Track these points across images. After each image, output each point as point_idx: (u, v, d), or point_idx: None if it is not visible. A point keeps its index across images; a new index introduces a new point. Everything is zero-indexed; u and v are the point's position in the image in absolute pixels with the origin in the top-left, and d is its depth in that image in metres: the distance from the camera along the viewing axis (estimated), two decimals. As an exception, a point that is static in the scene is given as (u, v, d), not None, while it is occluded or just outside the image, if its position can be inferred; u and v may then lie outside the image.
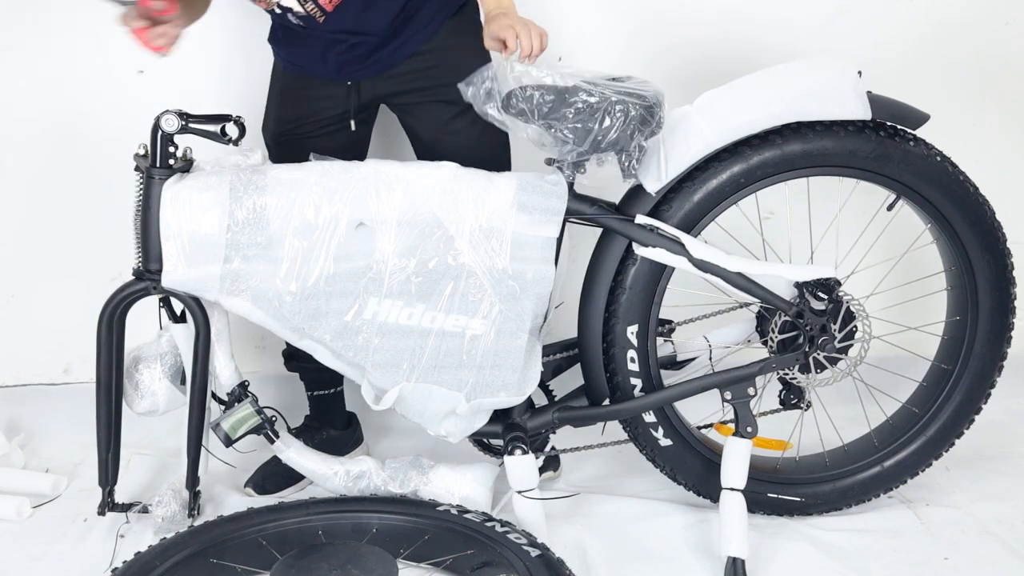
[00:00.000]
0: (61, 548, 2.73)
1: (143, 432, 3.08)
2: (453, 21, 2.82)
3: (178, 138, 2.55)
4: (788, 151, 2.59)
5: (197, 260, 2.53)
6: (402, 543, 2.56)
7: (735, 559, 2.53)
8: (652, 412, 2.74)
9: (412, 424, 2.74)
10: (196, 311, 2.60)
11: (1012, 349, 2.81)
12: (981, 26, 3.42)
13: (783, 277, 2.66)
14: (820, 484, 2.84)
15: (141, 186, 2.59)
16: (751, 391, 2.66)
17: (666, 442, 2.77)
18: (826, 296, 2.63)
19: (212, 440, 2.75)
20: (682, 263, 2.60)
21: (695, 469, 2.80)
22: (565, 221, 2.60)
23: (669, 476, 2.84)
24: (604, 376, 2.74)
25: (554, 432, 2.84)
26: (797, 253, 2.94)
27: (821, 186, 2.83)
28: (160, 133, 2.52)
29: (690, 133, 2.59)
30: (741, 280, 2.62)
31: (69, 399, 3.39)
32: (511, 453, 2.65)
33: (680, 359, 2.85)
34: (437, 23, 2.79)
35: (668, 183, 2.61)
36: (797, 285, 2.66)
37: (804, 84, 2.59)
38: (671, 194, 2.63)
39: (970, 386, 2.81)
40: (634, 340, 2.68)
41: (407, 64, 2.80)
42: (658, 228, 2.59)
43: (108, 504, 2.76)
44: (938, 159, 2.65)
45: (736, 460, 2.62)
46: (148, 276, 2.58)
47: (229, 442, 2.69)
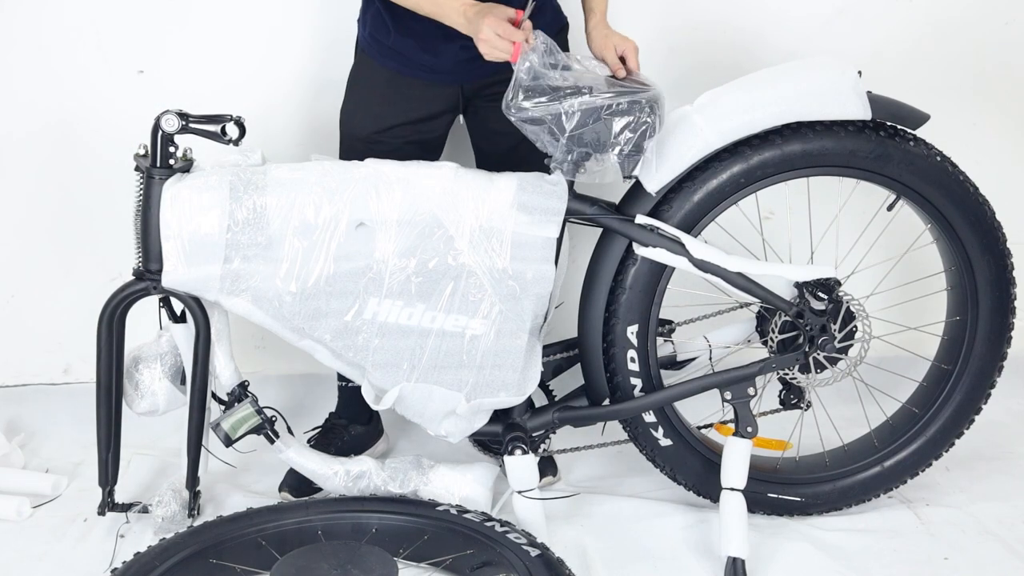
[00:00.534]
0: (61, 548, 2.72)
1: (143, 432, 3.07)
2: (558, 38, 2.80)
3: (178, 138, 2.55)
4: (788, 151, 2.59)
5: (197, 260, 2.53)
6: (402, 543, 2.56)
7: (735, 559, 2.53)
8: (652, 412, 2.74)
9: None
10: (196, 311, 2.60)
11: (1012, 349, 2.81)
12: (981, 26, 3.41)
13: (783, 277, 2.66)
14: (820, 484, 2.84)
15: (141, 186, 2.59)
16: (751, 391, 2.67)
17: (666, 442, 2.77)
18: (826, 296, 2.63)
19: (212, 440, 2.75)
20: (682, 263, 2.60)
21: (695, 469, 2.80)
22: (565, 221, 2.60)
23: (669, 476, 2.84)
24: (604, 376, 2.74)
25: (554, 432, 2.84)
26: (797, 253, 2.94)
27: (821, 186, 2.83)
28: (160, 133, 2.52)
29: (690, 133, 2.58)
30: (741, 280, 2.62)
31: (69, 399, 3.38)
32: (511, 453, 2.65)
33: (680, 359, 2.85)
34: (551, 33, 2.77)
35: (668, 183, 2.61)
36: (797, 285, 2.66)
37: (804, 84, 2.59)
38: (671, 194, 2.63)
39: (970, 386, 2.81)
40: (634, 340, 2.68)
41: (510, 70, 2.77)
42: (658, 228, 2.60)
43: (108, 504, 2.76)
44: (938, 159, 2.65)
45: (736, 460, 2.62)
46: (148, 276, 2.58)
47: (229, 442, 2.69)
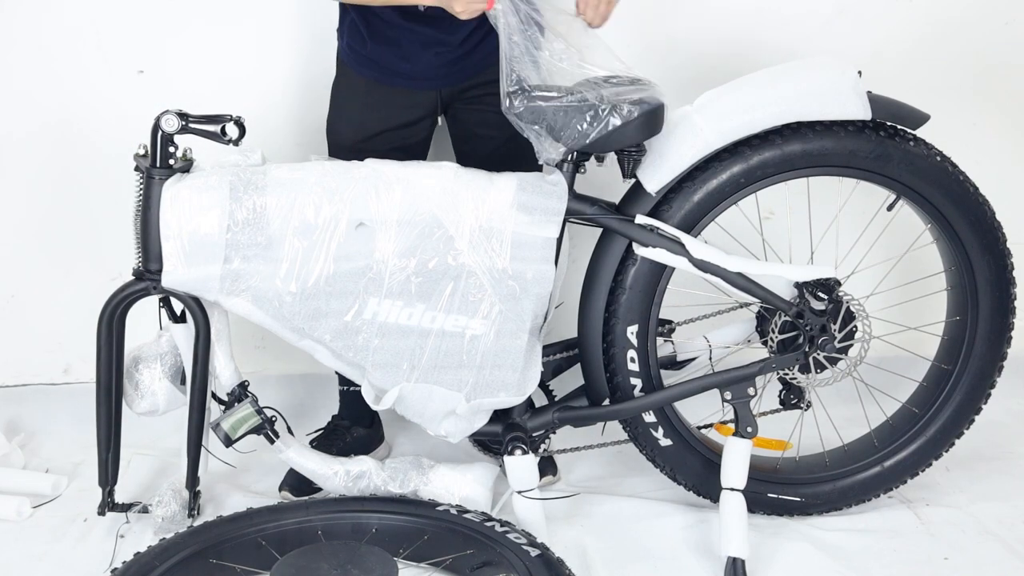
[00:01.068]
0: (61, 548, 2.72)
1: (143, 432, 3.07)
2: None
3: (178, 138, 2.55)
4: (788, 151, 2.59)
5: (197, 260, 2.53)
6: (402, 543, 2.56)
7: (735, 559, 2.53)
8: (652, 412, 2.74)
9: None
10: (196, 311, 2.59)
11: (1012, 349, 2.81)
12: (981, 26, 3.41)
13: (783, 277, 2.66)
14: (820, 484, 2.84)
15: (141, 186, 2.59)
16: (751, 391, 2.67)
17: (666, 442, 2.77)
18: (826, 296, 2.63)
19: (212, 440, 2.75)
20: (682, 263, 2.60)
21: (695, 469, 2.80)
22: (565, 221, 2.60)
23: (669, 476, 2.84)
24: (604, 376, 2.74)
25: (554, 432, 2.84)
26: (797, 253, 2.94)
27: (821, 186, 2.83)
28: (160, 133, 2.52)
29: (690, 133, 2.58)
30: (741, 280, 2.62)
31: (69, 399, 3.38)
32: (511, 453, 2.65)
33: (680, 359, 2.85)
34: None
35: (668, 183, 2.61)
36: (797, 285, 2.66)
37: (804, 84, 2.59)
38: (671, 194, 2.63)
39: (970, 386, 2.81)
40: (634, 340, 2.68)
41: (488, 74, 2.76)
42: (658, 228, 2.60)
43: (108, 504, 2.76)
44: (938, 159, 2.65)
45: (736, 460, 2.62)
46: (148, 276, 2.58)
47: (229, 442, 2.69)
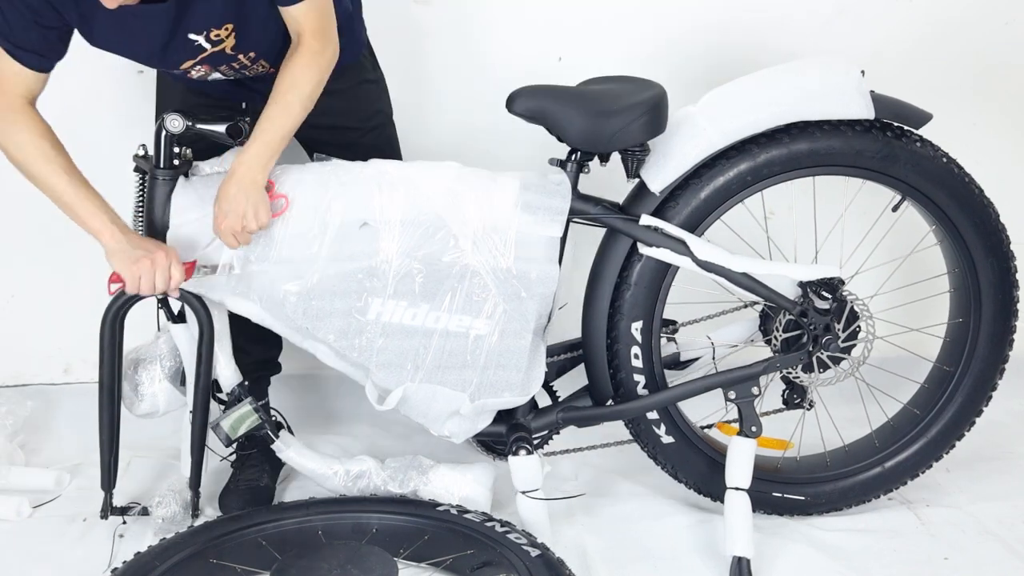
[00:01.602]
0: (61, 548, 2.72)
1: (142, 434, 3.06)
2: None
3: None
4: (795, 150, 2.59)
5: (203, 260, 2.53)
6: (402, 543, 2.56)
7: (740, 559, 2.54)
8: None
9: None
10: (200, 311, 2.58)
11: (1014, 352, 2.81)
12: (981, 26, 3.41)
13: (787, 277, 2.66)
14: (821, 484, 2.85)
15: (141, 187, 2.58)
16: (755, 391, 2.67)
17: (668, 439, 2.77)
18: (830, 295, 2.63)
19: (211, 440, 2.74)
20: (686, 263, 2.60)
21: (697, 467, 2.80)
22: (569, 221, 2.60)
23: (671, 474, 2.84)
24: (608, 374, 2.73)
25: (558, 432, 2.84)
26: (802, 252, 2.94)
27: (827, 186, 2.83)
28: (165, 134, 2.51)
29: (693, 133, 2.59)
30: (745, 280, 2.62)
31: (69, 399, 3.38)
32: (515, 453, 2.65)
33: (684, 359, 2.85)
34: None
35: (671, 183, 2.61)
36: (801, 284, 2.66)
37: (807, 84, 2.59)
38: (678, 191, 2.63)
39: (971, 388, 2.81)
40: (638, 336, 2.68)
41: None
42: (662, 228, 2.59)
43: (110, 507, 2.76)
44: (944, 160, 2.66)
45: (741, 460, 2.62)
46: (151, 276, 2.58)
47: (229, 442, 2.69)
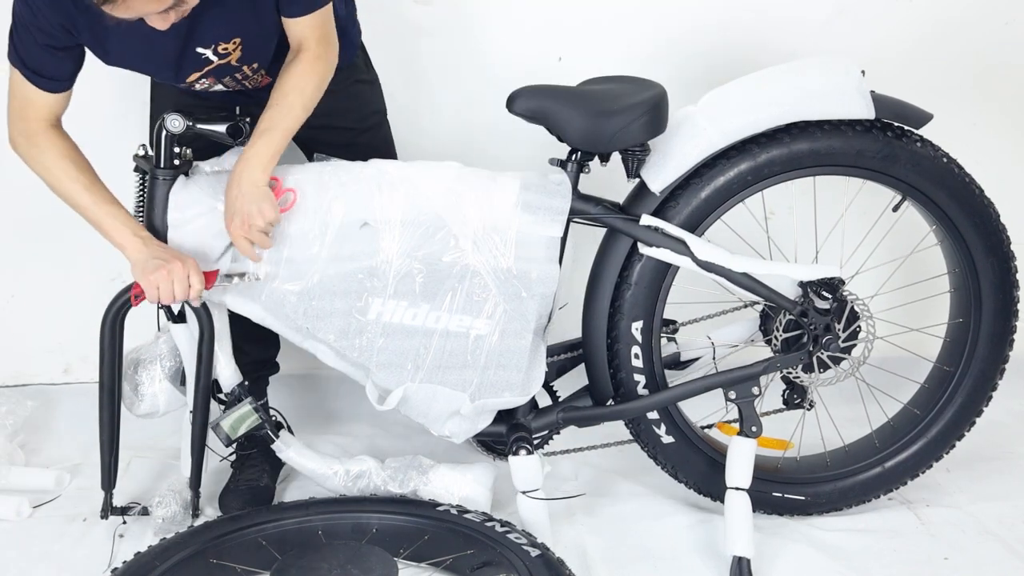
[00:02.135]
0: (61, 548, 2.72)
1: (141, 434, 3.07)
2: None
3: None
4: (796, 149, 2.59)
5: (204, 260, 2.53)
6: (402, 543, 2.56)
7: (740, 558, 2.53)
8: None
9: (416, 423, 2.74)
10: (200, 311, 2.58)
11: (1014, 352, 2.81)
12: (981, 26, 3.41)
13: (788, 276, 2.66)
14: (821, 484, 2.84)
15: (141, 187, 2.58)
16: (755, 390, 2.66)
17: (668, 439, 2.77)
18: (830, 295, 2.63)
19: (211, 440, 2.74)
20: (686, 263, 2.60)
21: (697, 467, 2.80)
22: (569, 221, 2.60)
23: (671, 474, 2.84)
24: (608, 374, 2.73)
25: (558, 432, 2.84)
26: (802, 252, 2.94)
27: (827, 186, 2.83)
28: (165, 134, 2.50)
29: (693, 133, 2.59)
30: (746, 280, 2.62)
31: (69, 399, 3.38)
32: (515, 453, 2.65)
33: (684, 359, 2.85)
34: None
35: (672, 183, 2.61)
36: (801, 284, 2.66)
37: (808, 84, 2.59)
38: (678, 190, 2.63)
39: (972, 388, 2.81)
40: (638, 336, 2.68)
41: None
42: (662, 228, 2.59)
43: (110, 507, 2.76)
44: (944, 160, 2.65)
45: (741, 460, 2.62)
46: (153, 276, 2.58)
47: (229, 442, 2.69)
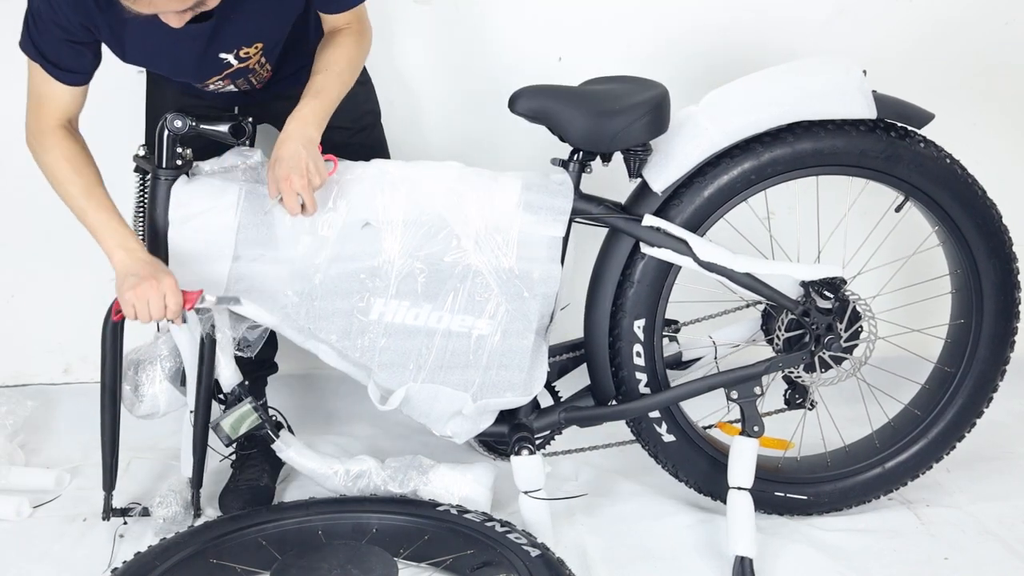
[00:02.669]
0: (61, 548, 2.72)
1: (141, 434, 3.07)
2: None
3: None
4: (799, 149, 2.59)
5: (204, 259, 2.52)
6: (402, 543, 2.56)
7: (743, 558, 2.53)
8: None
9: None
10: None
11: (1015, 353, 2.82)
12: (981, 26, 3.41)
13: (790, 276, 2.67)
14: (821, 484, 2.85)
15: (142, 187, 2.57)
16: (757, 390, 2.67)
17: (669, 438, 2.77)
18: (832, 295, 2.63)
19: (211, 439, 2.74)
20: (688, 263, 2.60)
21: (698, 466, 2.80)
22: (571, 221, 2.60)
23: (671, 473, 2.84)
24: (610, 373, 2.73)
25: (560, 432, 2.84)
26: (804, 252, 2.94)
27: (830, 186, 2.83)
28: (167, 134, 2.50)
29: (695, 133, 2.59)
30: (748, 280, 2.63)
31: (69, 399, 3.38)
32: (517, 453, 2.65)
33: (685, 359, 2.85)
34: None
35: (674, 183, 2.62)
36: (803, 284, 2.67)
37: (809, 83, 2.60)
38: (681, 189, 2.63)
39: (972, 389, 2.81)
40: (640, 335, 2.68)
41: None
42: (664, 228, 2.59)
43: (110, 508, 2.76)
44: (947, 161, 2.66)
45: (743, 459, 2.62)
46: (153, 276, 2.57)
47: (230, 441, 2.69)
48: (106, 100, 3.18)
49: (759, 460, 2.68)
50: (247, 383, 2.73)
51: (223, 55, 2.49)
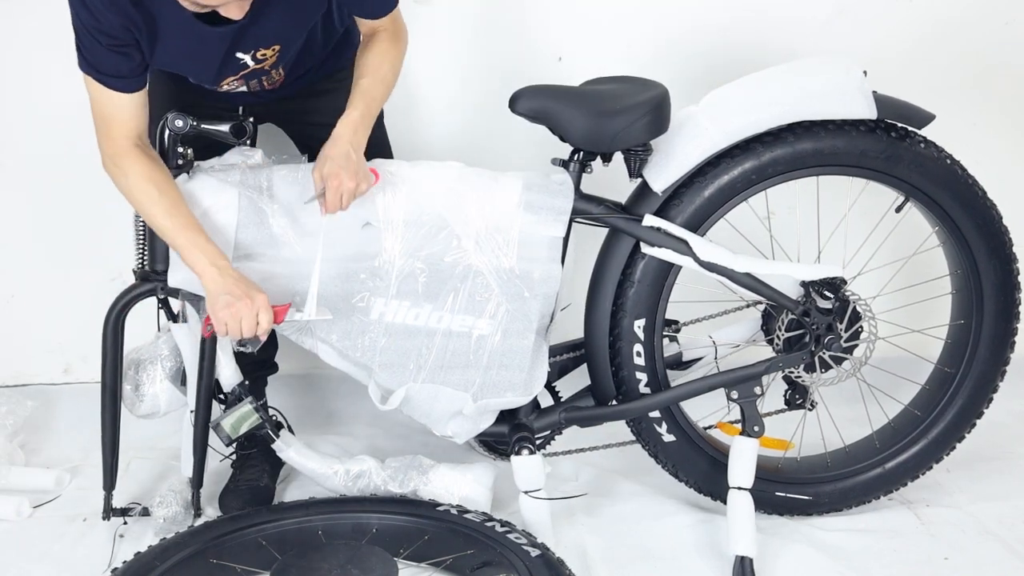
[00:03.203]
0: (61, 548, 2.71)
1: (141, 434, 3.07)
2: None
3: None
4: (800, 149, 2.59)
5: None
6: (402, 543, 2.55)
7: (743, 558, 2.53)
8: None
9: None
10: (203, 310, 2.58)
11: (1015, 354, 2.81)
12: (981, 26, 3.42)
13: (790, 276, 2.67)
14: (821, 484, 2.84)
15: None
16: (758, 390, 2.67)
17: (669, 438, 2.77)
18: (832, 295, 2.63)
19: (212, 439, 2.74)
20: (688, 263, 2.60)
21: (698, 466, 2.80)
22: (572, 221, 2.60)
23: (671, 473, 2.84)
24: (610, 373, 2.73)
25: (560, 432, 2.84)
26: (805, 252, 2.94)
27: (830, 186, 2.83)
28: (168, 133, 2.50)
29: (695, 133, 2.59)
30: (748, 280, 2.63)
31: (69, 399, 3.38)
32: (518, 453, 2.65)
33: (686, 359, 2.85)
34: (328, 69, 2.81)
35: (674, 183, 2.61)
36: (804, 284, 2.67)
37: (809, 84, 2.59)
38: (682, 189, 2.63)
39: (972, 390, 2.81)
40: (640, 334, 2.68)
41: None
42: (664, 228, 2.59)
43: (111, 509, 2.76)
44: (948, 162, 2.66)
45: (744, 459, 2.62)
46: (154, 276, 2.58)
47: (230, 441, 2.69)
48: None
49: (759, 460, 2.68)
50: (247, 383, 2.73)
51: (240, 55, 2.49)
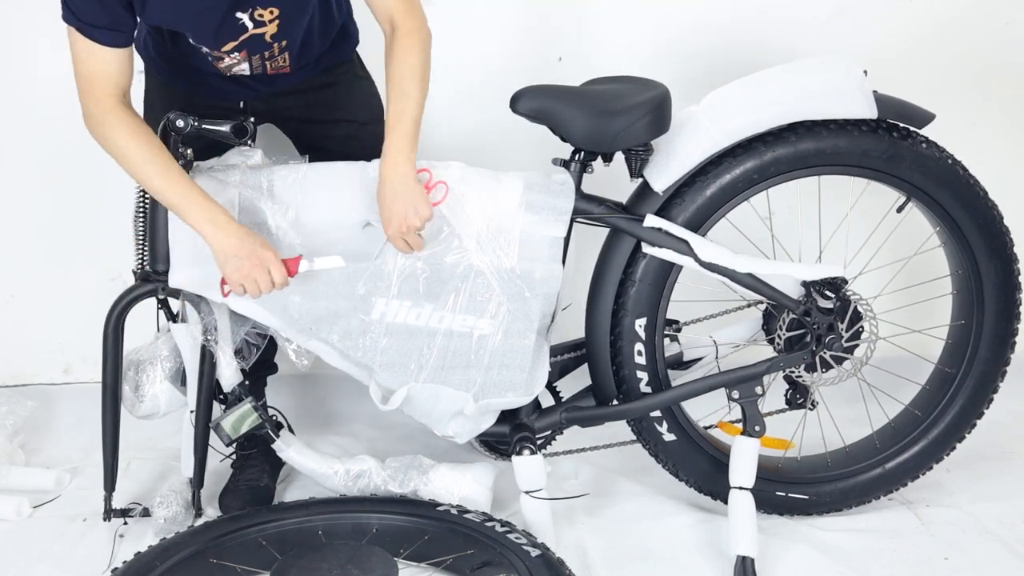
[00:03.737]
0: (61, 548, 2.72)
1: (141, 434, 3.06)
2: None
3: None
4: (802, 149, 2.59)
5: (206, 259, 2.51)
6: (402, 543, 2.55)
7: (744, 558, 2.53)
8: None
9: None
10: (204, 309, 2.58)
11: (1015, 354, 2.81)
12: (981, 26, 3.42)
13: (791, 276, 2.67)
14: (822, 484, 2.84)
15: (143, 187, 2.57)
16: (759, 390, 2.67)
17: (670, 437, 2.77)
18: (833, 295, 2.63)
19: (212, 439, 2.74)
20: (689, 263, 2.60)
21: (699, 465, 2.80)
22: (573, 220, 2.60)
23: (672, 472, 2.84)
24: (611, 373, 2.73)
25: (561, 432, 2.84)
26: (806, 252, 2.94)
27: (832, 186, 2.83)
28: (170, 132, 2.50)
29: (696, 133, 2.59)
30: (749, 279, 2.63)
31: (69, 399, 3.38)
32: (519, 453, 2.65)
33: (687, 359, 2.85)
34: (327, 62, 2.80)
35: (674, 182, 2.62)
36: (805, 284, 2.67)
37: (810, 84, 2.59)
38: (684, 188, 2.63)
39: (973, 391, 2.81)
40: (642, 333, 2.68)
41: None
42: (665, 228, 2.59)
43: (111, 509, 2.76)
44: (949, 162, 2.66)
45: (745, 459, 2.62)
46: (155, 277, 2.57)
47: (230, 441, 2.69)
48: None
49: (760, 460, 2.68)
50: (247, 383, 2.73)
51: (239, 15, 2.45)
